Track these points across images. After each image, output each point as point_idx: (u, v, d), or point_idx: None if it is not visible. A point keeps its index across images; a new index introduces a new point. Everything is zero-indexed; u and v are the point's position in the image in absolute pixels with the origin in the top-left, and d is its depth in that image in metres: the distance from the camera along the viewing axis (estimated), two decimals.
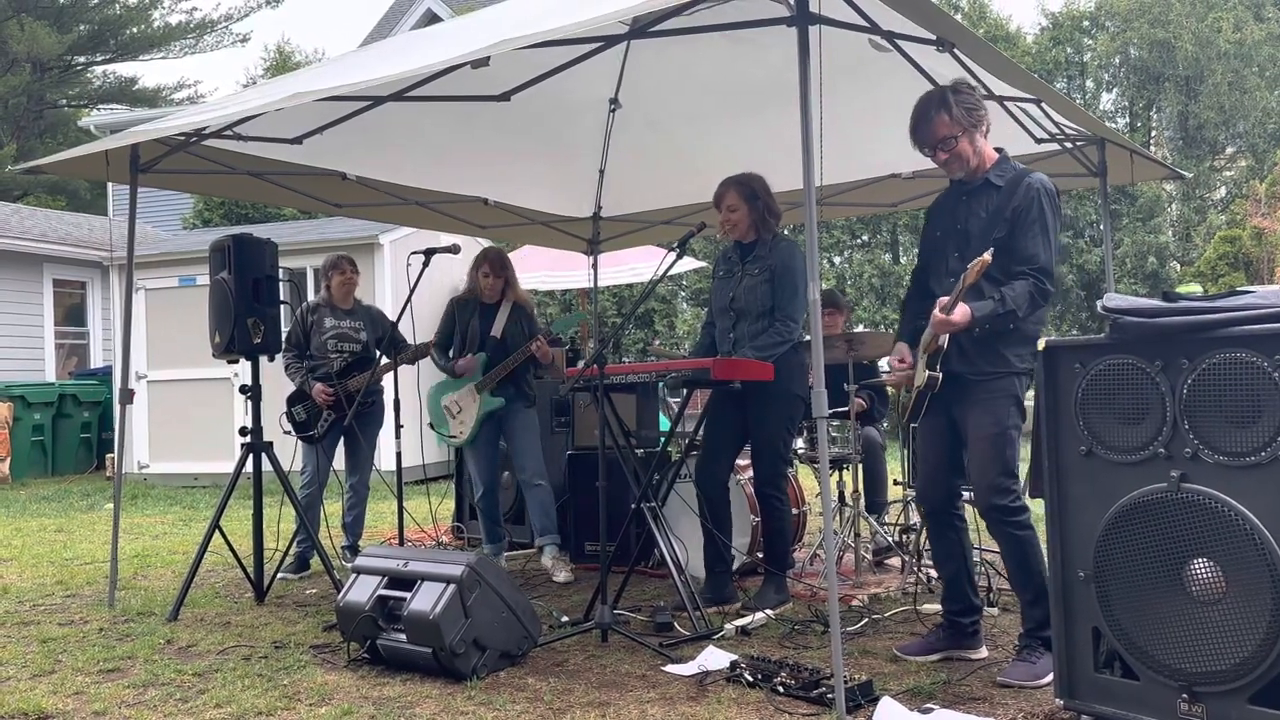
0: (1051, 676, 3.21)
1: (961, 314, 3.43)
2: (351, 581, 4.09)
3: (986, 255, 3.31)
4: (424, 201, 6.50)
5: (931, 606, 4.32)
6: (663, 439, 5.55)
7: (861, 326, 14.74)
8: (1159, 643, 2.76)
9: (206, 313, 5.12)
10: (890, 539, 5.48)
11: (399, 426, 5.54)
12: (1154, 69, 18.70)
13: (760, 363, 4.55)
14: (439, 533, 6.66)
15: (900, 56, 4.16)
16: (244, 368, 5.17)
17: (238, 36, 39.91)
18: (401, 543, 5.69)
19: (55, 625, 4.75)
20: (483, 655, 3.73)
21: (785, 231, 5.37)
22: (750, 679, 3.50)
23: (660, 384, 4.97)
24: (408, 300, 5.35)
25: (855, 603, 4.69)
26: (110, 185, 18.02)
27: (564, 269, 10.20)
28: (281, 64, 26.29)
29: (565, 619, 4.50)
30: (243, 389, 5.17)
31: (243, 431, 5.16)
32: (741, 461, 5.23)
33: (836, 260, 16.97)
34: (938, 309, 3.46)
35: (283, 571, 5.61)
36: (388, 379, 5.84)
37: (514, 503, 6.27)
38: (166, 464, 11.28)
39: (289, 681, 3.74)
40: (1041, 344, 3.06)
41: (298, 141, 5.26)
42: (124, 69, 30.33)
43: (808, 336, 4.26)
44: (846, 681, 3.22)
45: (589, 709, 3.35)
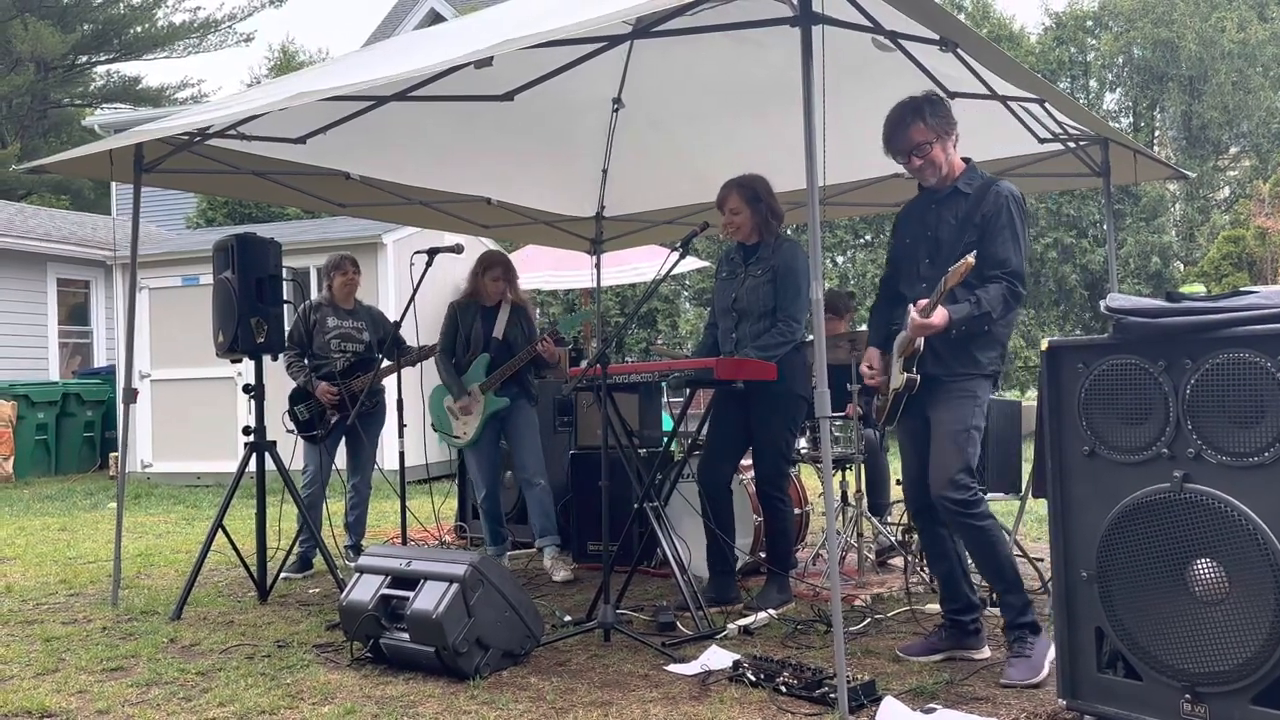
0: (1052, 654, 3.28)
1: (940, 317, 3.52)
2: (354, 581, 4.10)
3: (970, 258, 3.40)
4: (427, 201, 6.51)
5: (932, 607, 4.32)
6: (665, 439, 5.55)
7: (864, 326, 14.69)
8: (1162, 643, 2.76)
9: (210, 312, 5.13)
10: (893, 539, 5.48)
11: (402, 426, 5.54)
12: (1157, 69, 18.69)
13: (763, 363, 4.55)
14: (442, 532, 6.66)
15: (904, 56, 4.16)
16: (247, 367, 5.18)
17: (241, 36, 40.11)
18: (404, 542, 5.69)
19: (58, 624, 4.76)
20: (485, 654, 3.73)
21: (788, 231, 5.37)
22: (753, 679, 3.50)
23: (663, 384, 4.97)
24: (411, 299, 5.35)
25: (858, 603, 4.69)
26: (114, 185, 18.05)
27: (567, 269, 10.21)
28: (285, 64, 26.35)
29: (568, 618, 4.50)
30: (246, 388, 5.18)
31: (246, 431, 5.17)
32: (744, 461, 5.23)
33: (839, 260, 16.96)
34: (916, 313, 3.54)
35: (286, 571, 5.63)
36: (389, 379, 5.84)
37: (516, 502, 6.27)
38: (170, 463, 11.29)
39: (292, 680, 3.75)
40: (1044, 344, 3.07)
41: (301, 141, 5.26)
42: (128, 68, 30.46)
43: (810, 337, 4.26)
44: (849, 681, 3.22)
45: (592, 708, 3.35)
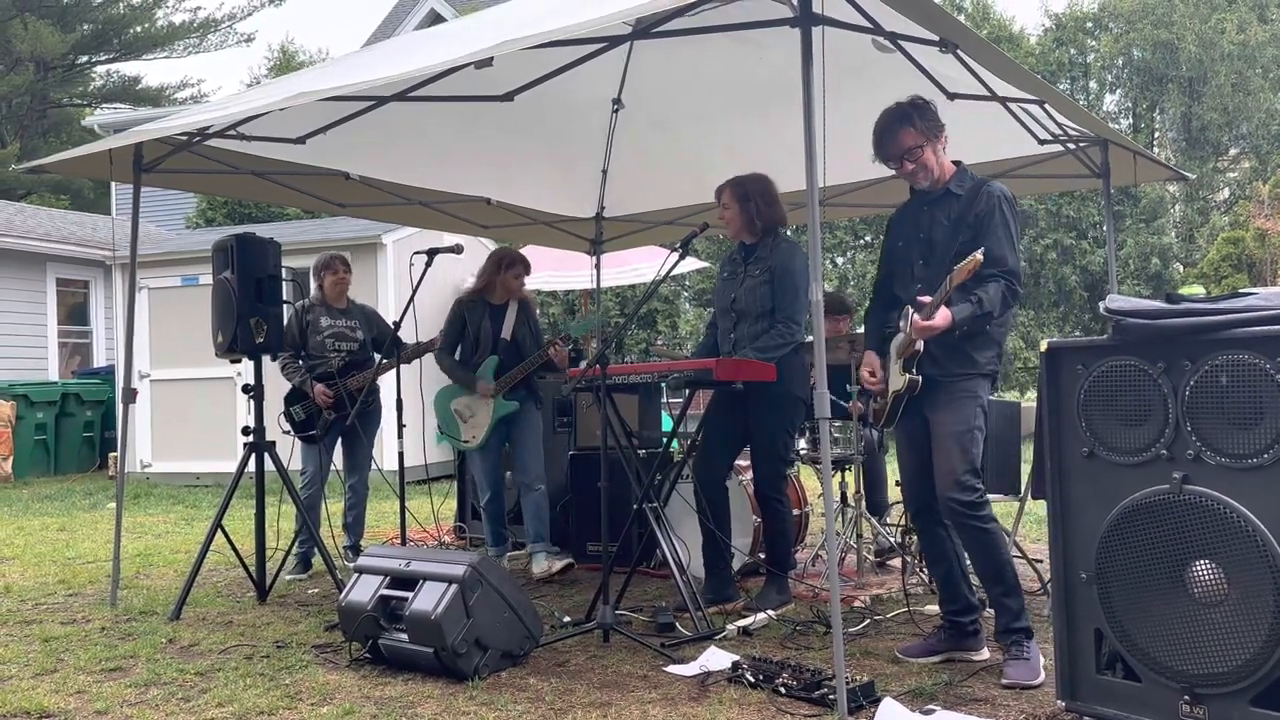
0: (1042, 660, 3.31)
1: (943, 317, 3.53)
2: (353, 581, 4.10)
3: (978, 255, 3.39)
4: (427, 201, 6.51)
5: (931, 608, 4.32)
6: (665, 439, 5.55)
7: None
8: (1161, 644, 2.75)
9: (209, 312, 5.13)
10: (892, 540, 5.48)
11: (401, 426, 5.53)
12: (1157, 70, 18.69)
13: (763, 364, 4.55)
14: (441, 532, 6.66)
15: (903, 58, 4.16)
16: (246, 367, 5.18)
17: (241, 36, 40.12)
18: (404, 542, 5.69)
19: (57, 624, 4.76)
20: (484, 655, 3.73)
21: (788, 232, 5.36)
22: (752, 680, 3.50)
23: (663, 385, 4.98)
24: (410, 300, 5.34)
25: (857, 604, 4.69)
26: (113, 185, 18.03)
27: (568, 269, 10.20)
28: (285, 64, 26.35)
29: (567, 619, 4.50)
30: (245, 388, 5.18)
31: (245, 431, 5.17)
32: (744, 462, 5.23)
33: (839, 261, 16.96)
34: (917, 314, 3.55)
35: (286, 572, 5.62)
36: (386, 378, 5.83)
37: (516, 502, 6.26)
38: (169, 463, 11.29)
39: (291, 681, 3.75)
40: (1044, 345, 3.07)
41: (301, 141, 5.26)
42: (127, 68, 30.47)
43: (810, 338, 4.26)
44: (848, 682, 3.22)
45: (591, 709, 3.35)
